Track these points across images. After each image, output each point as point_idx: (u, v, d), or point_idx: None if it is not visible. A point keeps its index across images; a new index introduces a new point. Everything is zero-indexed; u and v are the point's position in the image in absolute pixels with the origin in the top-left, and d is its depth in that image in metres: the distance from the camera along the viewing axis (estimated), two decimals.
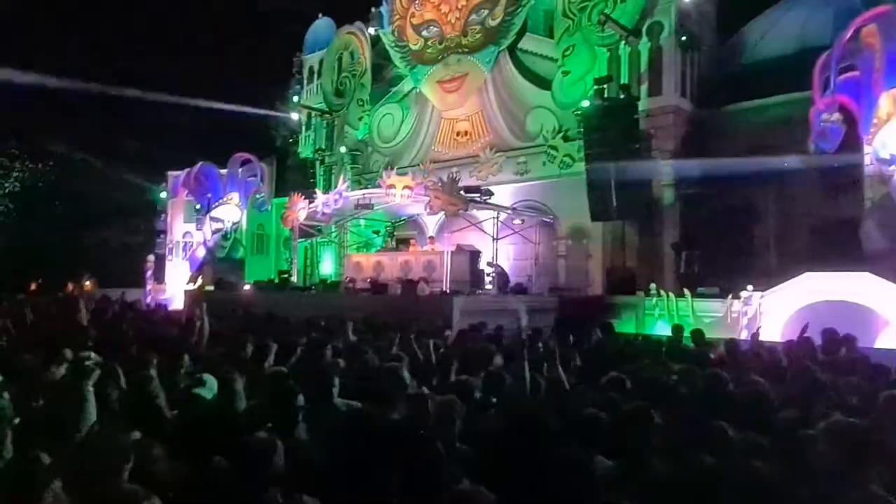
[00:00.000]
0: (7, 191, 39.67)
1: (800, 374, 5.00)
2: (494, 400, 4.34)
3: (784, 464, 2.92)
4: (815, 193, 13.93)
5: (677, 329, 8.62)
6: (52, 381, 4.33)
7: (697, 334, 8.24)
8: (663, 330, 12.54)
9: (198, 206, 24.74)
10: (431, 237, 18.03)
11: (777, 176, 14.03)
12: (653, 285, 13.68)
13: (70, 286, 27.32)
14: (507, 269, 16.96)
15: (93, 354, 4.62)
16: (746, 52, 16.89)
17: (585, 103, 15.70)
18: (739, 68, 16.45)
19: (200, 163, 24.52)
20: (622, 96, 15.28)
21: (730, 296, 12.43)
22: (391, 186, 15.61)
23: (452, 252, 15.49)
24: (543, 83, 17.53)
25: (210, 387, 4.12)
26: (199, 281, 22.48)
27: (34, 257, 38.08)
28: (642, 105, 15.32)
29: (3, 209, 40.13)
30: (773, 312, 11.81)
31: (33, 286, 30.50)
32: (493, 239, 15.89)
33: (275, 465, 2.71)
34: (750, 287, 12.28)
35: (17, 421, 3.19)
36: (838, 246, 12.08)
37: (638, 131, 14.97)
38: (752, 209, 14.98)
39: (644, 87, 15.71)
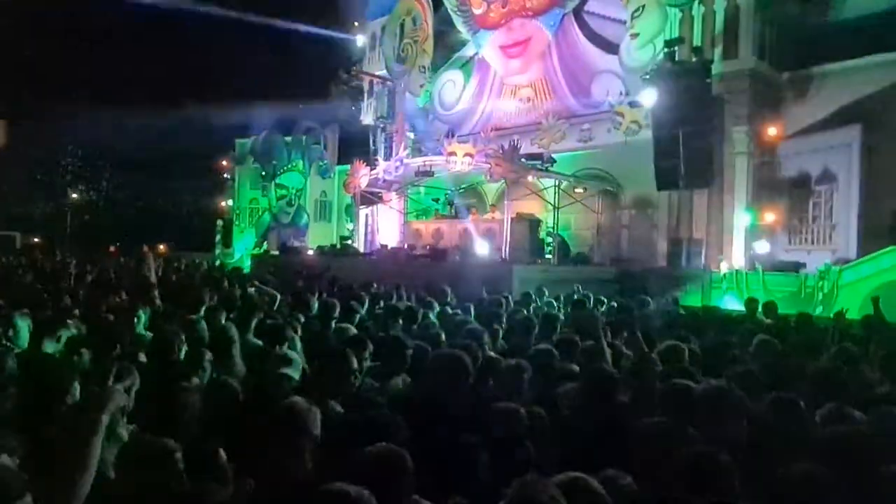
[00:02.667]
0: (87, 163, 41.82)
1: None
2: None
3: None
4: None
5: (751, 303, 8.17)
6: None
7: (770, 307, 7.84)
8: (731, 304, 12.11)
9: (263, 173, 25.35)
10: (493, 205, 17.89)
11: (863, 143, 13.15)
12: (721, 257, 13.16)
13: (145, 249, 28.64)
14: (567, 239, 16.68)
15: None
16: (834, 10, 15.71)
17: (654, 67, 15.04)
18: (825, 27, 15.32)
19: (266, 130, 25.05)
20: (694, 59, 14.57)
21: (804, 269, 11.82)
22: (452, 154, 15.50)
23: (512, 220, 15.32)
24: (610, 47, 16.88)
25: (296, 365, 4.15)
26: (265, 245, 23.15)
27: (112, 223, 40.17)
28: (716, 68, 14.55)
29: (84, 176, 42.35)
30: (851, 288, 11.16)
31: (112, 249, 32.24)
32: (554, 208, 15.61)
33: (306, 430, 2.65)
34: (827, 261, 11.64)
35: None
36: None
37: (710, 96, 14.26)
38: (832, 178, 14.11)
39: (718, 50, 14.91)
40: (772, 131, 14.33)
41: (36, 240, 36.90)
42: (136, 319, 4.87)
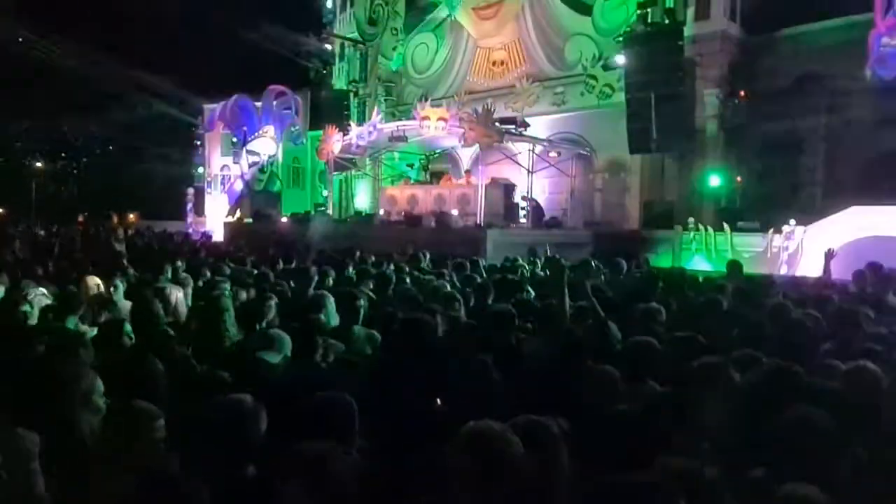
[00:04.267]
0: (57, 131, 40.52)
1: (828, 306, 4.89)
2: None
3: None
4: (870, 123, 13.23)
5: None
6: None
7: (733, 266, 8.00)
8: (701, 265, 12.38)
9: (234, 140, 24.90)
10: (467, 171, 17.86)
11: (829, 105, 13.36)
12: (691, 219, 13.38)
13: (115, 218, 28.17)
14: (542, 203, 16.78)
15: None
16: None
17: (627, 29, 15.00)
18: None
19: (236, 96, 24.50)
20: (667, 21, 14.54)
21: (771, 230, 12.10)
22: (425, 118, 15.37)
23: (487, 185, 15.34)
24: (584, 8, 16.76)
25: (281, 347, 3.60)
26: (238, 213, 22.89)
27: (80, 191, 39.28)
28: (688, 30, 14.56)
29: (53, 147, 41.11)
30: (815, 248, 11.47)
31: (80, 218, 31.57)
32: (529, 172, 15.65)
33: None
34: (792, 221, 11.92)
35: None
36: (892, 179, 11.54)
37: (682, 59, 14.31)
38: (800, 140, 14.34)
39: (690, 12, 14.89)
40: (742, 94, 14.46)
41: (0, 210, 35.97)
42: (113, 289, 4.85)
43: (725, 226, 12.75)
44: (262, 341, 3.64)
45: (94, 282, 5.59)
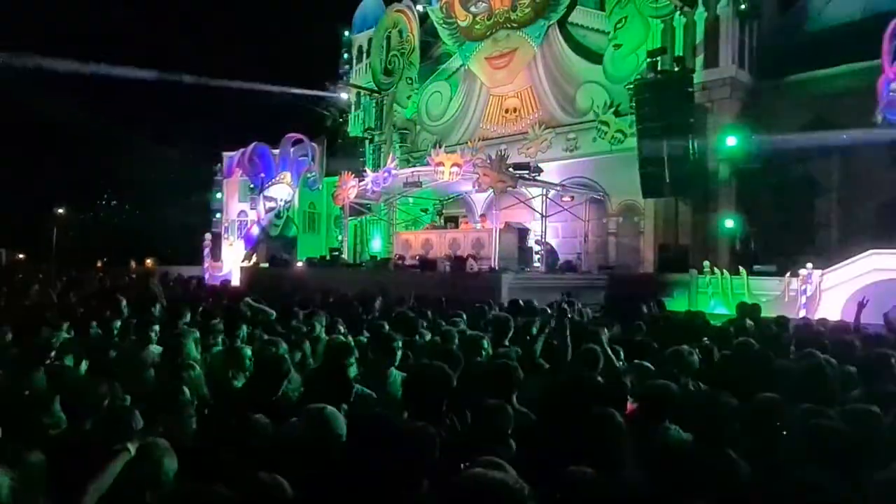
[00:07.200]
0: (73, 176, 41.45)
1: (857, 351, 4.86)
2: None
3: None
4: (882, 167, 13.28)
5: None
6: None
7: (752, 309, 7.94)
8: (717, 309, 12.29)
9: (252, 186, 25.33)
10: (482, 215, 18.02)
11: (841, 149, 13.43)
12: (706, 263, 13.35)
13: (133, 264, 28.52)
14: (556, 247, 16.84)
15: None
16: (810, 20, 16.11)
17: (638, 77, 15.30)
18: (802, 36, 15.71)
19: (254, 143, 25.06)
20: (676, 68, 14.83)
21: (787, 273, 12.03)
22: (440, 164, 15.62)
23: (501, 229, 15.44)
24: (594, 57, 17.16)
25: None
26: (254, 258, 23.10)
27: (99, 236, 39.89)
28: (697, 77, 14.84)
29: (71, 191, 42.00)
30: (833, 291, 11.39)
31: (99, 264, 31.98)
32: (542, 216, 15.77)
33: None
34: (809, 265, 11.86)
35: None
36: None
37: (693, 104, 14.52)
38: (813, 184, 14.39)
39: (700, 59, 15.20)
40: (753, 138, 14.59)
41: (21, 256, 36.56)
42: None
43: (742, 269, 12.70)
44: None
45: None
